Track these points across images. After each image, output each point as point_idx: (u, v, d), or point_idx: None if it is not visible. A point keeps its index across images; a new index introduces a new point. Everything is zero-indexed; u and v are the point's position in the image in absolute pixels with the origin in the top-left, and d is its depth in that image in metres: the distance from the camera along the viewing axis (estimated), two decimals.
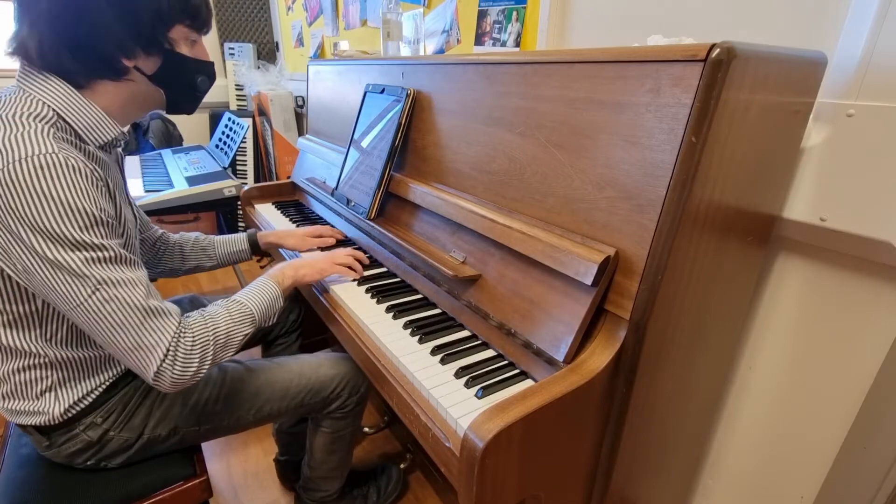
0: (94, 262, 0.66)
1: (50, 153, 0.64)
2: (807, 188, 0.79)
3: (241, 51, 3.25)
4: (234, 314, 0.81)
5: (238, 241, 1.20)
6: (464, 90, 0.95)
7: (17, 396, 0.79)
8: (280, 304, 0.91)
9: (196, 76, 0.83)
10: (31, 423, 0.80)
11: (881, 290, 0.78)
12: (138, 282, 0.70)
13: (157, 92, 0.80)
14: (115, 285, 0.68)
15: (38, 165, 0.63)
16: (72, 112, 0.72)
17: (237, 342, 0.81)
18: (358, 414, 1.12)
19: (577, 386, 0.64)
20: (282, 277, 0.94)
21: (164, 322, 0.71)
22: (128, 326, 0.69)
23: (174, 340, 0.71)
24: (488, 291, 0.84)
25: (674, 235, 0.62)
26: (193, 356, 0.73)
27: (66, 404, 0.80)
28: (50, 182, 0.63)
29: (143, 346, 0.70)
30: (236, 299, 0.84)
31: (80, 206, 0.65)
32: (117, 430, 0.85)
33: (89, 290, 0.66)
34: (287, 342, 1.31)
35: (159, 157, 2.45)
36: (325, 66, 1.60)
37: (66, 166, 0.64)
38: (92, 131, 0.74)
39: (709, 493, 1.11)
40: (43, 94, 0.70)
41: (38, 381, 0.78)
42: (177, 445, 0.93)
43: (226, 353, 0.79)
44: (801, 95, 0.72)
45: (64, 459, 0.85)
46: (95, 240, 0.66)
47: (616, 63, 0.67)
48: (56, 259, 0.64)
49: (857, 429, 0.84)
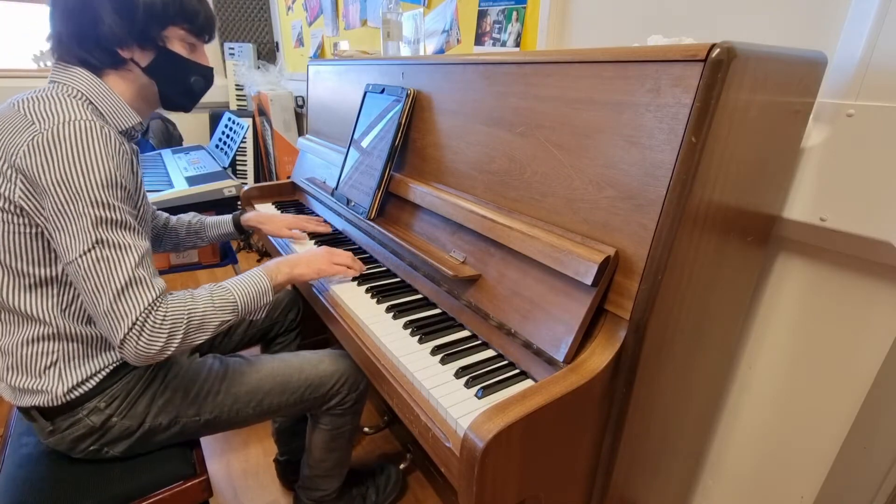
0: (102, 221, 0.72)
1: (87, 119, 0.73)
2: (807, 188, 0.79)
3: (241, 51, 3.25)
4: (216, 299, 0.82)
5: (224, 223, 1.29)
6: (464, 90, 0.95)
7: (21, 371, 0.81)
8: (269, 298, 0.90)
9: (190, 76, 0.89)
10: (34, 403, 0.81)
11: (881, 290, 0.78)
12: (135, 248, 0.74)
13: (152, 84, 0.86)
14: (111, 247, 0.72)
15: (77, 129, 0.71)
16: (98, 96, 0.80)
17: (213, 327, 0.81)
18: (357, 411, 1.12)
19: (577, 386, 0.64)
20: (276, 273, 0.93)
21: (141, 293, 0.73)
22: (108, 289, 0.71)
23: (144, 313, 0.73)
24: (488, 291, 0.84)
25: (674, 235, 0.62)
26: (161, 332, 0.74)
27: (68, 384, 0.82)
28: (85, 143, 0.71)
29: (114, 312, 0.72)
30: (223, 285, 0.85)
31: (106, 166, 0.72)
32: (120, 417, 0.86)
33: (88, 246, 0.71)
34: (286, 341, 1.31)
35: (159, 157, 2.45)
36: (325, 66, 1.60)
37: (100, 132, 0.73)
38: (115, 116, 0.83)
39: (709, 493, 1.11)
40: (74, 82, 0.79)
41: (44, 355, 0.80)
42: (177, 437, 0.93)
43: (199, 335, 0.79)
44: (801, 95, 0.72)
45: (67, 447, 0.85)
46: (111, 199, 0.72)
47: (616, 63, 0.67)
48: (72, 211, 0.70)
49: (858, 429, 0.84)
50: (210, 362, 0.99)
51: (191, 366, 0.96)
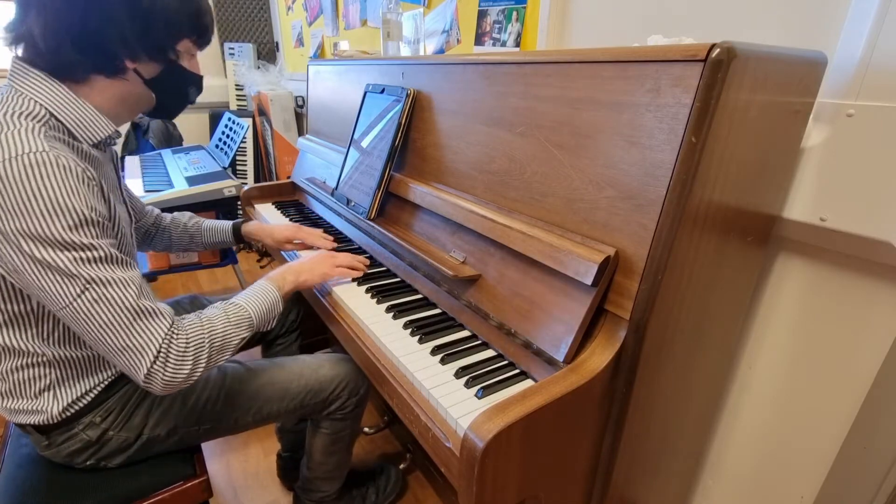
0: (84, 261, 0.65)
1: (40, 151, 0.63)
2: (807, 188, 0.79)
3: (241, 51, 3.25)
4: (231, 317, 0.80)
5: (223, 231, 1.25)
6: (464, 90, 0.95)
7: (16, 395, 0.79)
8: (279, 308, 0.90)
9: (188, 87, 0.86)
10: (29, 422, 0.80)
11: (881, 290, 0.78)
12: (130, 282, 0.69)
13: (150, 95, 0.81)
14: (104, 285, 0.67)
15: (28, 164, 0.62)
16: (64, 110, 0.72)
17: (233, 346, 0.79)
18: (357, 416, 1.12)
19: (576, 386, 0.64)
20: (282, 282, 0.93)
21: (155, 323, 0.70)
22: (117, 327, 0.67)
23: (166, 341, 0.70)
24: (488, 291, 0.84)
25: (674, 235, 0.62)
26: (187, 358, 0.72)
27: (63, 403, 0.80)
28: (39, 181, 0.62)
29: (132, 347, 0.68)
30: (235, 302, 0.84)
31: (70, 206, 0.64)
32: (116, 430, 0.85)
33: (78, 290, 0.65)
34: (286, 342, 1.31)
35: (159, 157, 2.45)
36: (325, 66, 1.60)
37: (56, 165, 0.64)
38: (85, 129, 0.74)
39: (709, 493, 1.11)
40: (34, 92, 0.70)
41: (36, 379, 0.78)
42: (176, 445, 0.93)
43: (221, 356, 0.78)
44: (801, 95, 0.72)
45: (64, 459, 0.84)
46: (85, 239, 0.65)
47: (616, 63, 0.67)
48: (44, 259, 0.64)
49: (858, 429, 0.84)
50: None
51: None
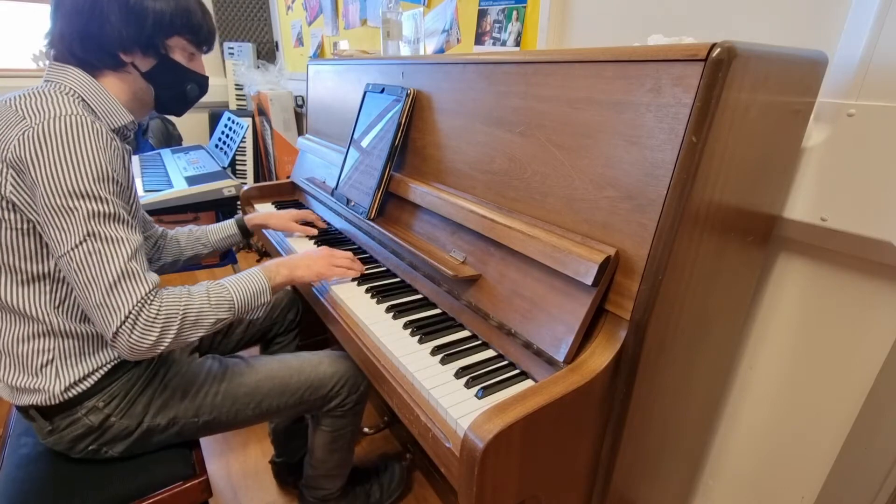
0: (94, 215, 0.71)
1: (79, 115, 0.74)
2: (807, 188, 0.79)
3: (240, 50, 3.24)
4: (212, 296, 0.82)
5: (227, 227, 1.26)
6: (464, 90, 0.95)
7: (18, 368, 0.81)
8: (266, 298, 0.90)
9: (186, 84, 0.91)
10: (32, 402, 0.81)
11: (882, 290, 0.78)
12: (127, 241, 0.74)
13: (150, 88, 0.88)
14: (103, 240, 0.72)
15: (69, 124, 0.72)
16: (91, 95, 0.81)
17: (209, 324, 0.81)
18: (358, 413, 1.12)
19: (577, 386, 0.64)
20: (275, 273, 0.93)
21: (135, 286, 0.73)
22: (101, 282, 0.71)
23: (137, 306, 0.72)
24: (488, 291, 0.84)
25: (674, 235, 0.61)
26: (154, 326, 0.74)
27: (66, 382, 0.82)
28: (76, 137, 0.72)
29: (107, 305, 0.71)
30: (220, 283, 0.85)
31: (98, 160, 0.73)
32: (118, 417, 0.86)
33: (79, 239, 0.71)
34: (285, 341, 1.31)
35: (158, 156, 2.45)
36: (324, 65, 1.60)
37: (91, 127, 0.74)
38: (108, 114, 0.83)
39: (709, 493, 1.11)
40: (66, 80, 0.80)
41: (40, 353, 0.81)
42: (176, 438, 0.93)
43: (194, 332, 0.79)
44: (802, 95, 0.72)
45: (66, 447, 0.85)
46: (102, 192, 0.72)
47: (616, 63, 0.66)
48: (64, 205, 0.70)
49: (858, 429, 0.83)
50: (209, 363, 0.98)
51: (190, 366, 0.96)
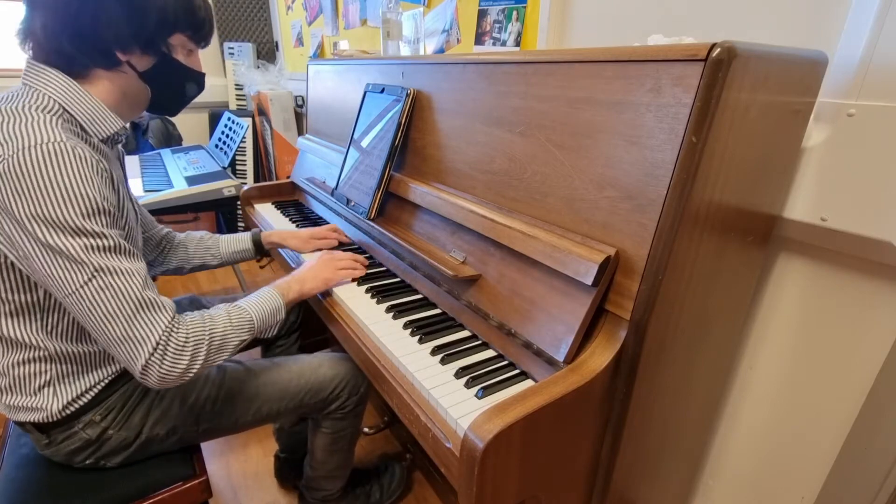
0: (94, 249, 0.67)
1: (57, 141, 0.66)
2: (807, 188, 0.79)
3: (240, 50, 3.24)
4: (234, 319, 0.81)
5: (242, 240, 1.22)
6: (464, 90, 0.95)
7: (16, 391, 0.79)
8: (281, 316, 0.91)
9: (185, 82, 0.85)
10: (29, 419, 0.80)
11: (882, 290, 0.78)
12: (136, 273, 0.70)
13: (145, 89, 0.81)
14: (111, 274, 0.68)
15: (46, 153, 0.64)
16: (75, 104, 0.74)
17: (232, 346, 0.81)
18: (358, 414, 1.12)
19: (577, 386, 0.64)
20: (287, 290, 0.94)
21: (157, 315, 0.71)
22: (120, 317, 0.69)
23: (165, 335, 0.71)
24: (488, 291, 0.84)
25: (674, 235, 0.61)
26: (185, 353, 0.73)
27: (63, 401, 0.80)
28: (56, 170, 0.65)
29: (132, 338, 0.69)
30: (239, 305, 0.85)
31: (84, 193, 0.66)
32: (116, 429, 0.85)
33: (86, 277, 0.67)
34: (286, 343, 1.31)
35: (159, 156, 2.45)
36: (324, 65, 1.60)
37: (72, 154, 0.66)
38: (95, 123, 0.76)
39: (709, 493, 1.11)
40: (47, 87, 0.72)
41: (37, 375, 0.79)
42: (176, 445, 0.93)
43: (220, 356, 0.79)
44: (802, 95, 0.72)
45: (63, 458, 0.84)
46: (96, 227, 0.67)
47: (616, 63, 0.66)
48: (56, 244, 0.65)
49: (858, 429, 0.83)
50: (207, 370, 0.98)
51: None
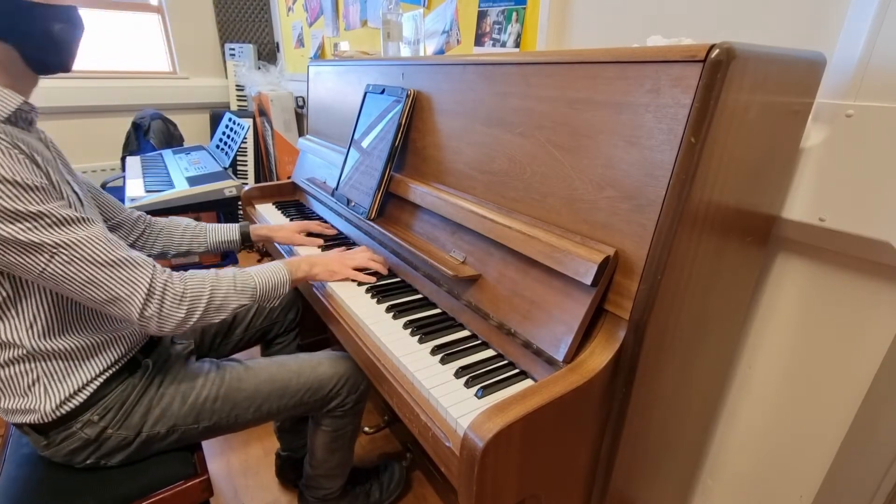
0: (40, 228, 0.66)
1: None
2: (806, 188, 0.79)
3: (241, 51, 3.25)
4: (238, 283, 0.85)
5: (230, 231, 1.24)
6: (464, 91, 0.95)
7: (6, 393, 0.79)
8: (285, 290, 0.94)
9: (51, 24, 0.72)
10: (25, 421, 0.80)
11: (881, 290, 0.78)
12: (94, 238, 0.70)
13: (10, 50, 0.71)
14: (70, 247, 0.68)
15: None
16: None
17: (231, 308, 0.84)
18: (358, 412, 1.12)
19: (576, 386, 0.64)
20: (296, 268, 0.97)
21: (135, 271, 0.73)
22: (97, 282, 0.70)
23: (156, 286, 0.73)
24: (488, 291, 0.84)
25: (673, 235, 0.62)
26: (182, 306, 0.75)
27: (56, 400, 0.80)
28: None
29: (118, 298, 0.71)
30: (245, 271, 0.88)
31: (5, 177, 0.64)
32: (115, 428, 0.85)
33: (46, 257, 0.67)
34: (285, 341, 1.31)
35: (160, 157, 2.46)
36: (325, 66, 1.60)
37: None
38: None
39: (708, 492, 1.11)
40: None
41: (23, 375, 0.78)
42: (176, 444, 0.93)
43: (219, 315, 0.82)
44: (801, 96, 0.72)
45: (63, 458, 0.85)
46: (31, 207, 0.65)
47: (616, 63, 0.67)
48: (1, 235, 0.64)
49: (857, 428, 0.84)
50: (207, 368, 0.98)
51: (187, 372, 0.95)
